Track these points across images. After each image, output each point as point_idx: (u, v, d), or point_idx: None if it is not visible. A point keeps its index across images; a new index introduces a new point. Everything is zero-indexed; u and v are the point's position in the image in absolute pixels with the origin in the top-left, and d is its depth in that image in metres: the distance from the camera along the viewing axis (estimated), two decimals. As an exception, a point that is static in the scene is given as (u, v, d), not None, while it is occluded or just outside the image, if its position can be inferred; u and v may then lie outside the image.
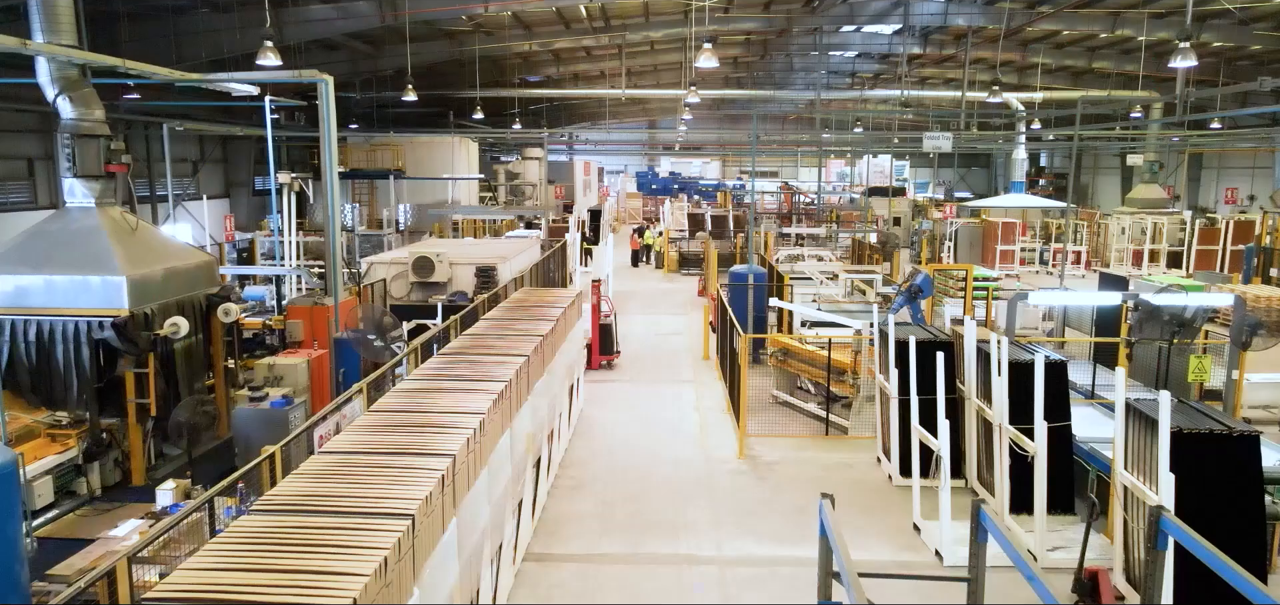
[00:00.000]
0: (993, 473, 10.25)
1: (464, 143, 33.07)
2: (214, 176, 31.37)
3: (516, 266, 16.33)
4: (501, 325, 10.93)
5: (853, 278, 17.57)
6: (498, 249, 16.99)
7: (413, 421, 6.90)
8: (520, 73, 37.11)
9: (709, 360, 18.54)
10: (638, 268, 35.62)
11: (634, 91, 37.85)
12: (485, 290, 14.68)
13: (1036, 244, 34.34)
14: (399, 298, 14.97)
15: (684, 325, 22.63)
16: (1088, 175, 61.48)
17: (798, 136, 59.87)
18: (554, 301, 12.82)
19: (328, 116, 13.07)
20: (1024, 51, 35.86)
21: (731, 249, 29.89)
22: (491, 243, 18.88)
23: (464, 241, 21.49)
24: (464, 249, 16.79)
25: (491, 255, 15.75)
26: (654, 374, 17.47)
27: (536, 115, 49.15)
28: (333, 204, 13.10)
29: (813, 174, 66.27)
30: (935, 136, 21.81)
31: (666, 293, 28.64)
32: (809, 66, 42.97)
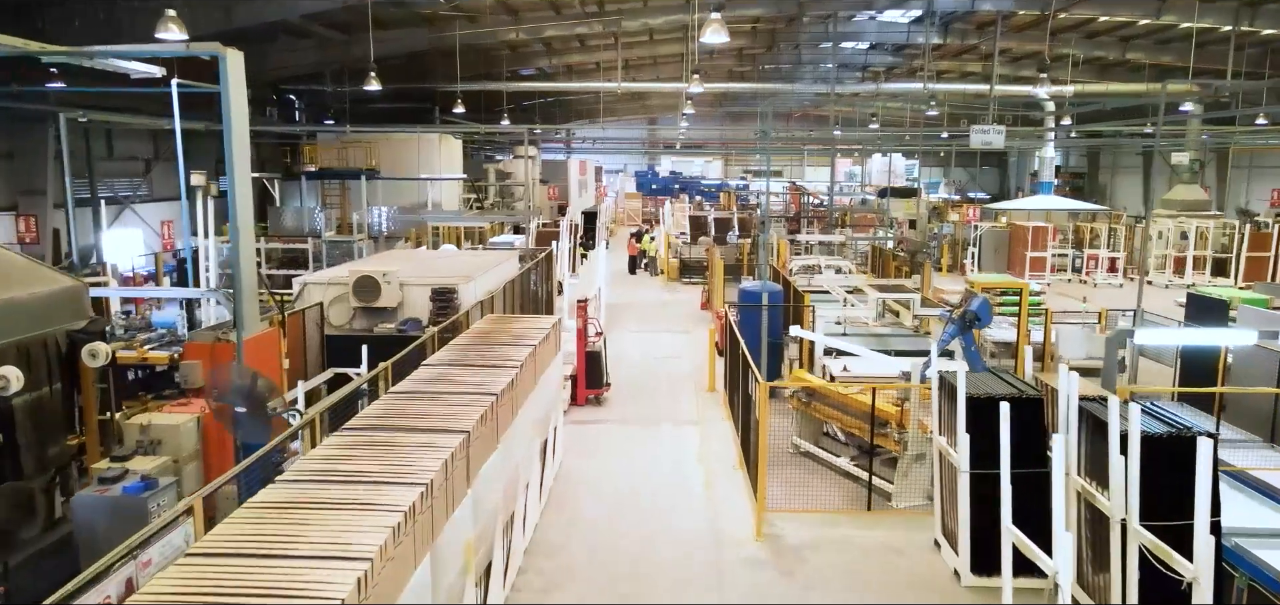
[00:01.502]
0: (1104, 574, 7.56)
1: (445, 140, 30.36)
2: (169, 175, 28.65)
3: (486, 285, 13.63)
4: (449, 373, 8.26)
5: (884, 297, 14.89)
6: (463, 264, 14.28)
7: (270, 549, 4.25)
8: (510, 65, 34.39)
9: (715, 392, 15.84)
10: (635, 275, 32.92)
11: (632, 85, 35.15)
12: (443, 316, 11.99)
13: (1068, 250, 31.62)
14: (338, 326, 12.28)
15: (685, 346, 19.93)
16: (1105, 175, 58.75)
17: (805, 134, 57.21)
18: (524, 334, 10.15)
19: (230, 101, 10.39)
20: (1052, 41, 33.14)
21: (737, 256, 27.20)
22: (464, 255, 16.15)
23: (437, 252, 18.82)
24: (421, 266, 14.07)
25: (453, 273, 13.04)
26: (650, 410, 14.77)
27: (529, 111, 46.46)
28: (234, 210, 10.43)
29: (819, 173, 63.61)
30: (985, 130, 19.10)
31: (666, 305, 25.93)
32: (818, 59, 40.30)
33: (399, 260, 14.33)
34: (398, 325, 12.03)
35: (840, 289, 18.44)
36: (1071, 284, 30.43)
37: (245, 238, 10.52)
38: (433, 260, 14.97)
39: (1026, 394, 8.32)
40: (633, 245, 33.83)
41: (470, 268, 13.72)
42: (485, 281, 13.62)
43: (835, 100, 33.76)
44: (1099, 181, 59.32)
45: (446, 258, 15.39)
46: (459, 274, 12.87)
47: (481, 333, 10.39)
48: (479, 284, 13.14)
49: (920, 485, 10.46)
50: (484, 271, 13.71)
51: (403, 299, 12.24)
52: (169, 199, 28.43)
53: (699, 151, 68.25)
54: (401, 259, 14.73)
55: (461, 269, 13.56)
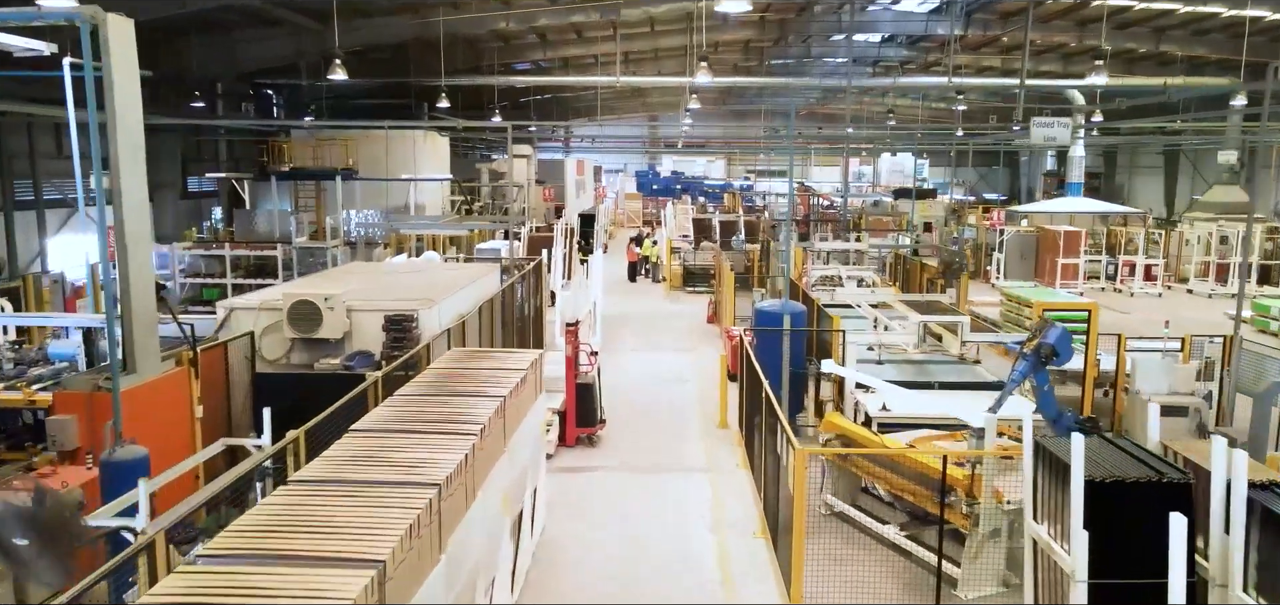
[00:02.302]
0: None
1: (429, 138, 28.15)
2: (132, 177, 26.42)
3: (456, 307, 11.43)
4: (382, 446, 6.09)
5: (925, 320, 12.69)
6: (429, 283, 12.06)
7: None
8: (502, 58, 32.19)
9: (727, 429, 13.63)
10: (635, 283, 30.70)
11: (632, 79, 32.98)
12: (399, 349, 9.79)
13: (1100, 257, 29.40)
14: (273, 361, 10.07)
15: (691, 367, 17.73)
16: (1123, 175, 56.46)
17: (814, 132, 55.05)
18: (495, 377, 7.99)
19: (113, 82, 8.21)
20: (1081, 32, 30.96)
21: (746, 262, 24.98)
22: (434, 270, 13.90)
23: (407, 264, 16.64)
24: (378, 284, 11.86)
25: (415, 294, 10.82)
26: (652, 453, 12.57)
27: (524, 109, 44.27)
28: (120, 219, 8.26)
29: (823, 174, 61.34)
30: (1048, 123, 16.83)
31: (669, 317, 23.73)
32: (828, 53, 38.09)
33: (350, 279, 12.11)
34: (344, 360, 9.83)
35: (867, 304, 16.22)
36: (1104, 292, 28.24)
37: (136, 254, 8.34)
38: (395, 277, 12.74)
39: (1168, 476, 6.10)
40: (632, 251, 31.60)
41: (436, 287, 11.49)
42: (455, 303, 11.41)
43: (848, 96, 31.52)
44: (1116, 182, 56.99)
45: (412, 274, 13.17)
46: (421, 296, 10.65)
47: (440, 376, 8.19)
48: (446, 307, 10.94)
49: (993, 568, 8.27)
50: (454, 290, 11.50)
51: (351, 328, 10.03)
52: (130, 201, 26.21)
53: (701, 151, 66.03)
54: (355, 276, 12.50)
55: (425, 289, 11.34)
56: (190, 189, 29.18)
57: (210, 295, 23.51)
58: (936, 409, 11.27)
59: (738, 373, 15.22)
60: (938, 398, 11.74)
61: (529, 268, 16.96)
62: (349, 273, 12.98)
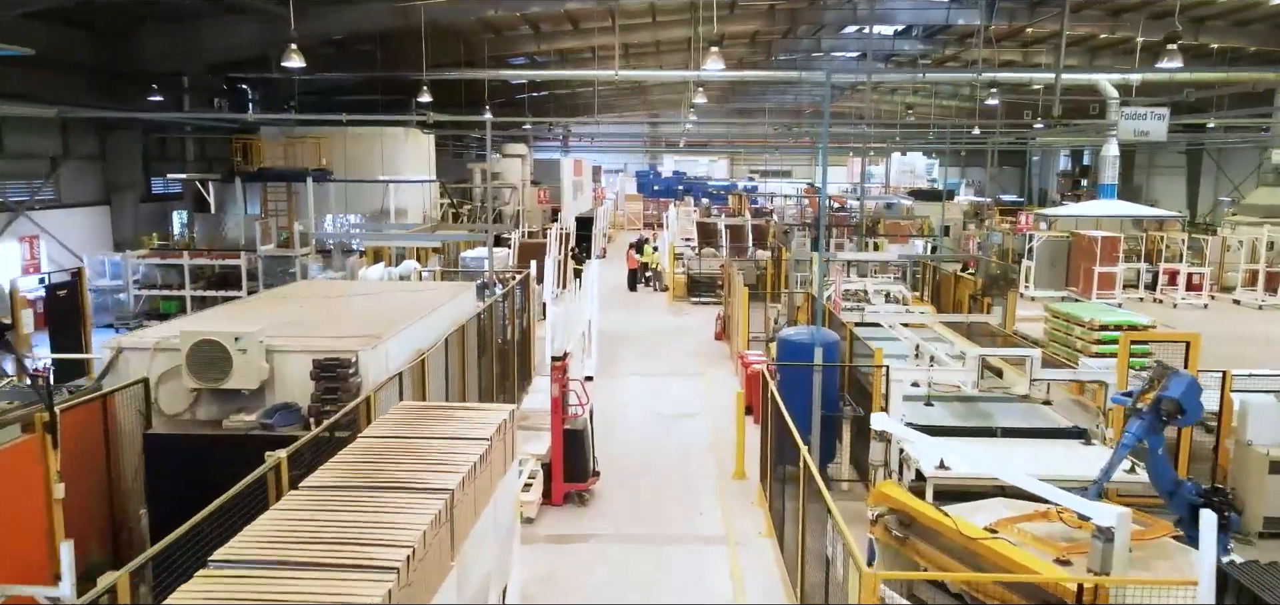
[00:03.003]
0: None
1: (412, 136, 25.96)
2: (86, 177, 24.30)
3: (415, 341, 9.24)
4: (253, 586, 3.91)
5: (983, 355, 10.48)
6: (380, 313, 9.86)
7: None
8: (493, 51, 29.99)
9: (745, 480, 11.45)
10: (636, 292, 28.50)
11: (632, 73, 30.74)
12: (333, 401, 7.61)
13: (1136, 265, 27.17)
14: (173, 416, 7.90)
15: (700, 395, 15.54)
16: (1141, 176, 54.19)
17: (815, 130, 52.80)
18: (449, 452, 5.87)
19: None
20: (1114, 22, 28.78)
21: (757, 272, 22.80)
22: (392, 292, 11.65)
23: (365, 286, 14.49)
24: (318, 314, 9.66)
25: (355, 330, 8.62)
26: (655, 516, 10.41)
27: (520, 106, 42.09)
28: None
29: (832, 174, 58.99)
30: (1140, 115, 14.61)
31: (673, 333, 21.54)
32: (840, 46, 35.93)
33: (283, 306, 9.92)
34: (261, 416, 7.64)
35: (901, 326, 14.03)
36: (1145, 304, 26.03)
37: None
38: (345, 303, 10.52)
39: None
40: (632, 258, 29.39)
41: (387, 318, 9.30)
42: (412, 336, 9.22)
43: (867, 92, 29.34)
44: (1134, 183, 54.70)
45: (367, 297, 10.95)
46: (363, 331, 8.46)
47: (373, 453, 6.03)
48: (399, 343, 8.75)
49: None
50: (413, 320, 9.31)
51: (272, 374, 7.85)
52: (85, 204, 24.07)
53: (703, 151, 63.84)
54: (294, 302, 10.29)
55: (373, 321, 9.16)
56: (155, 191, 26.96)
57: (168, 309, 21.38)
58: (1009, 464, 9.11)
59: (753, 403, 13.07)
60: (1007, 449, 9.59)
61: (514, 283, 14.77)
62: (286, 297, 10.77)
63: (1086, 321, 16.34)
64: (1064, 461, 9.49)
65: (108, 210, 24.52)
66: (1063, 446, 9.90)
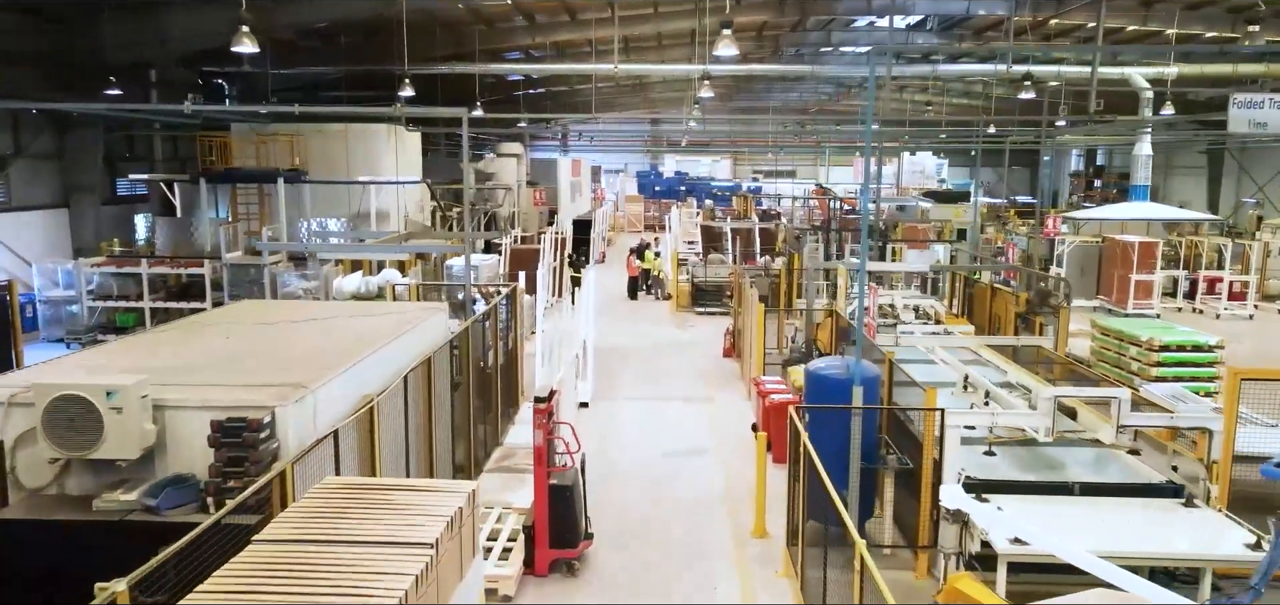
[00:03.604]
0: None
1: (396, 134, 24.12)
2: (42, 177, 22.47)
3: (360, 383, 7.41)
4: None
5: (1058, 395, 8.64)
6: (318, 350, 8.02)
7: None
8: (486, 43, 28.15)
9: (768, 539, 9.63)
10: (636, 301, 26.65)
11: (632, 66, 28.98)
12: (238, 473, 5.79)
13: (1173, 272, 25.33)
14: (34, 489, 6.07)
15: (709, 428, 13.71)
16: (1158, 176, 52.24)
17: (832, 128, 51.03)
18: (381, 560, 4.02)
19: None
20: (1146, 12, 26.93)
21: (769, 282, 20.96)
22: (344, 318, 9.75)
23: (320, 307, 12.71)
24: (242, 349, 7.82)
25: (275, 376, 6.78)
26: (658, 588, 8.61)
27: (514, 103, 40.26)
28: None
29: (838, 174, 57.19)
30: (1255, 102, 12.74)
31: (677, 348, 19.71)
32: (850, 40, 34.11)
33: (196, 342, 8.09)
34: (144, 494, 5.82)
35: (941, 351, 12.22)
36: (1184, 313, 24.23)
37: None
38: (279, 334, 8.64)
39: None
40: (632, 264, 27.53)
41: (326, 357, 7.47)
42: (360, 377, 7.40)
43: (886, 88, 27.53)
44: (1150, 183, 52.78)
45: (315, 324, 9.09)
46: (290, 378, 6.63)
47: (265, 567, 4.22)
48: (340, 388, 6.93)
49: None
50: (357, 358, 7.49)
51: (162, 436, 6.03)
52: (40, 207, 22.26)
53: (706, 150, 62.00)
54: (219, 330, 8.45)
55: (310, 359, 7.34)
56: (121, 193, 25.14)
57: (125, 322, 19.57)
58: (1099, 534, 7.33)
59: (774, 440, 11.27)
60: (1089, 513, 7.79)
61: (497, 300, 12.95)
62: (213, 326, 8.90)
63: (1144, 341, 14.52)
64: (1163, 530, 7.71)
65: (67, 214, 22.69)
66: (1158, 509, 8.10)
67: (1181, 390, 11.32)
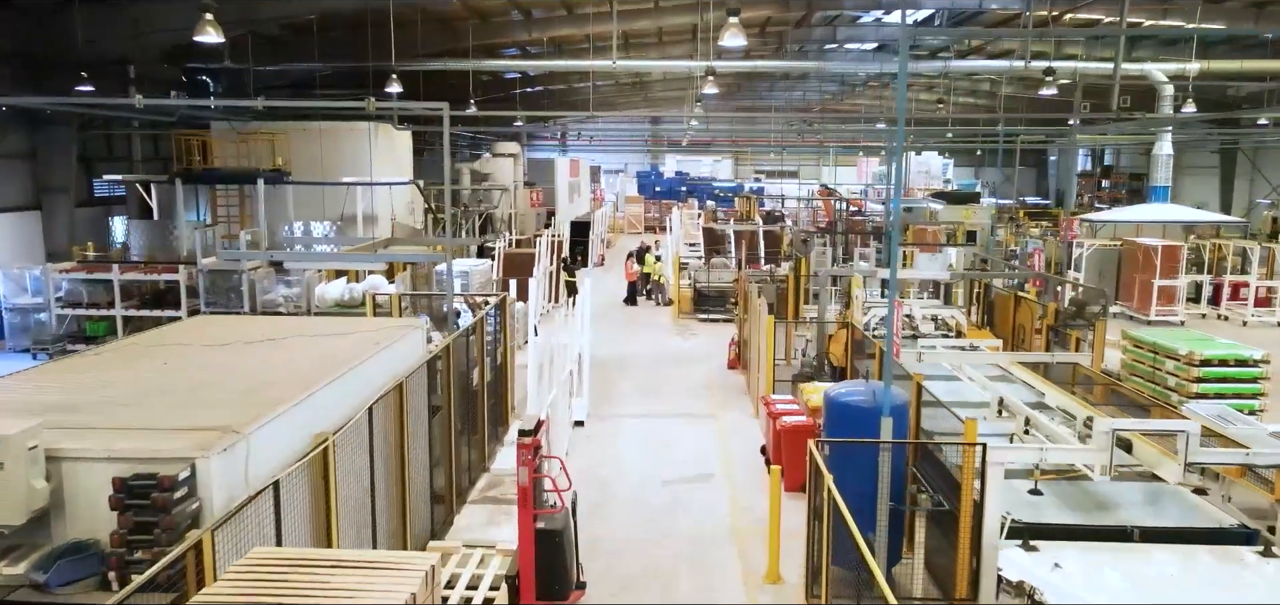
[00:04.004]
0: None
1: (384, 132, 23.08)
2: (12, 177, 21.44)
3: (311, 420, 6.37)
4: None
5: (1116, 427, 7.59)
6: (290, 367, 6.98)
7: None
8: (481, 38, 27.11)
9: (781, 584, 8.59)
10: (635, 306, 25.58)
11: (632, 62, 27.97)
12: (145, 540, 4.74)
13: (1196, 276, 24.25)
14: (-96, 559, 5.02)
15: (715, 449, 12.67)
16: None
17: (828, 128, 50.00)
18: None
19: None
20: (1165, 7, 25.89)
21: (777, 288, 19.86)
22: (304, 339, 8.65)
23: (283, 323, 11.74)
24: (167, 381, 6.76)
25: (210, 413, 5.73)
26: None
27: (511, 102, 39.21)
28: None
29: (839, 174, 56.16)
30: None
31: (680, 359, 18.66)
32: (856, 37, 33.06)
33: (126, 369, 7.04)
34: (31, 568, 4.78)
35: (966, 368, 11.19)
36: (1208, 320, 23.19)
37: None
38: (227, 359, 7.57)
39: None
40: (630, 269, 26.43)
41: (272, 389, 6.42)
42: (312, 413, 6.35)
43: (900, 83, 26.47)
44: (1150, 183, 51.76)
45: (272, 346, 8.02)
46: (220, 420, 5.57)
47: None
48: (285, 428, 5.89)
49: None
50: (306, 391, 6.44)
51: (58, 494, 4.98)
52: (10, 209, 21.23)
53: (707, 150, 60.96)
54: (146, 361, 7.37)
55: (254, 392, 6.29)
56: (99, 195, 24.10)
57: (94, 331, 18.53)
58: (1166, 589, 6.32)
59: (788, 470, 10.22)
60: (1152, 561, 6.77)
61: (483, 313, 11.90)
62: (156, 348, 7.82)
63: (1182, 354, 13.47)
64: (1240, 584, 6.69)
65: (39, 216, 21.65)
66: (1231, 559, 7.07)
67: (1227, 411, 10.31)
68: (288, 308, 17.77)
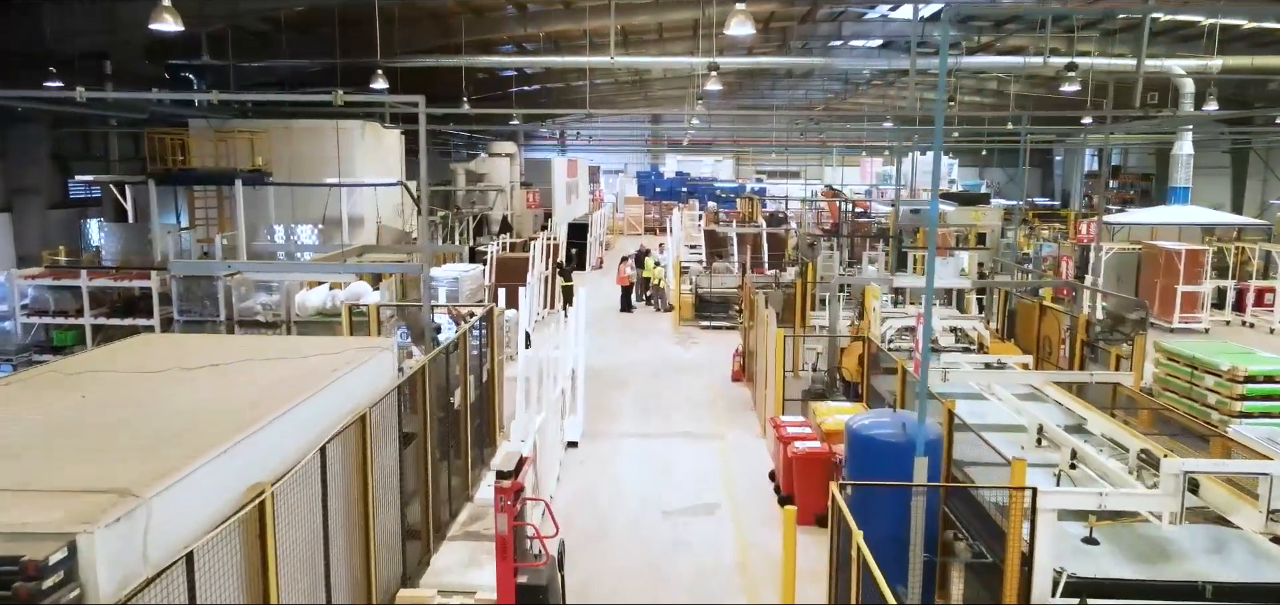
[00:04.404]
0: None
1: (371, 131, 22.09)
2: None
3: (241, 470, 5.35)
4: None
5: (1187, 470, 6.59)
6: (234, 400, 5.97)
7: None
8: (475, 33, 26.09)
9: (798, 643, 7.58)
10: (631, 313, 24.54)
11: (631, 58, 26.97)
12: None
13: (1223, 282, 23.25)
14: None
15: (719, 474, 11.66)
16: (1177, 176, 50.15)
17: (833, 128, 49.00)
18: None
19: None
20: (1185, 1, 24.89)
21: (784, 294, 18.91)
22: (270, 359, 7.62)
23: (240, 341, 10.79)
24: (74, 419, 5.75)
25: (114, 466, 4.72)
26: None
27: (506, 101, 38.22)
28: None
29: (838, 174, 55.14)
30: None
31: (681, 370, 17.65)
32: (864, 33, 32.06)
33: (36, 400, 6.05)
34: None
35: (995, 387, 10.19)
36: (1232, 327, 22.21)
37: None
38: (161, 391, 6.54)
39: None
40: (624, 274, 25.32)
41: (197, 432, 5.40)
42: (236, 464, 5.34)
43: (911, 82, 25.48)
44: (1169, 184, 50.71)
45: (217, 376, 7.00)
46: (114, 479, 4.56)
47: None
48: (196, 490, 4.87)
49: None
50: (240, 433, 5.43)
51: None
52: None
53: (708, 150, 59.93)
54: (63, 393, 6.36)
55: (170, 438, 5.28)
56: (74, 197, 23.11)
57: (62, 340, 17.52)
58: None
59: (801, 500, 9.24)
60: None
61: (466, 326, 10.90)
62: (82, 374, 6.80)
63: (1225, 370, 12.43)
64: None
65: (9, 219, 20.66)
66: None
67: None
68: (266, 316, 16.77)
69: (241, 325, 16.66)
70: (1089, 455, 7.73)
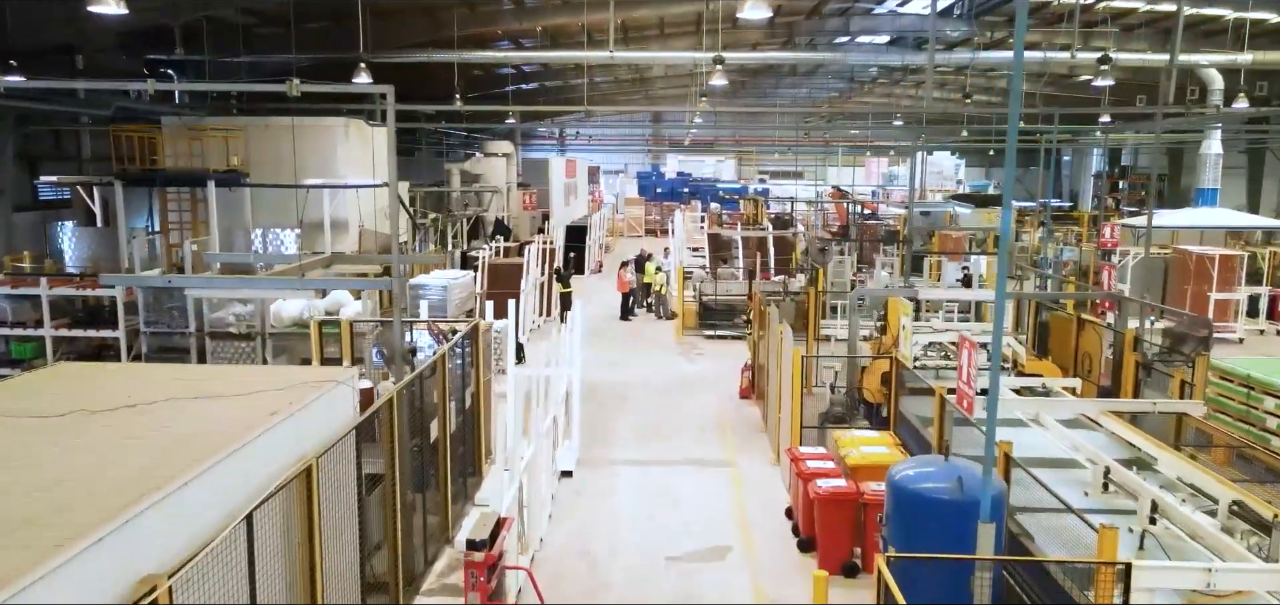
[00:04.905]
0: None
1: (355, 130, 20.87)
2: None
3: (155, 540, 4.17)
4: None
5: None
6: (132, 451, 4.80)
7: None
8: (470, 28, 24.87)
9: None
10: (631, 321, 23.30)
11: (631, 54, 25.72)
12: None
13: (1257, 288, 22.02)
14: None
15: (729, 513, 10.45)
16: (1189, 176, 48.88)
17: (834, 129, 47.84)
18: None
19: None
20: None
21: (795, 302, 17.67)
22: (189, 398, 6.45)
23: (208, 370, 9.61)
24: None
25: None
26: None
27: (503, 98, 37.00)
28: None
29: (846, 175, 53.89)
30: None
31: (685, 386, 16.43)
32: (872, 28, 30.88)
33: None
34: None
35: (1045, 416, 8.98)
36: (1266, 337, 21.00)
37: None
38: (65, 442, 5.38)
39: None
40: (623, 280, 24.08)
41: (79, 509, 4.20)
42: (125, 549, 4.14)
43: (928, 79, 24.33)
44: (1182, 185, 49.59)
45: (112, 424, 5.81)
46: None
47: None
48: (54, 594, 3.67)
49: None
50: (132, 507, 4.22)
51: None
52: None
53: (710, 150, 58.70)
54: None
55: (42, 517, 4.08)
56: (44, 198, 21.90)
57: (21, 353, 16.34)
58: None
59: (815, 534, 8.06)
60: None
61: (445, 347, 9.69)
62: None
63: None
64: None
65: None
66: None
67: None
68: (239, 327, 15.61)
69: (212, 337, 15.49)
70: (1173, 509, 6.52)
